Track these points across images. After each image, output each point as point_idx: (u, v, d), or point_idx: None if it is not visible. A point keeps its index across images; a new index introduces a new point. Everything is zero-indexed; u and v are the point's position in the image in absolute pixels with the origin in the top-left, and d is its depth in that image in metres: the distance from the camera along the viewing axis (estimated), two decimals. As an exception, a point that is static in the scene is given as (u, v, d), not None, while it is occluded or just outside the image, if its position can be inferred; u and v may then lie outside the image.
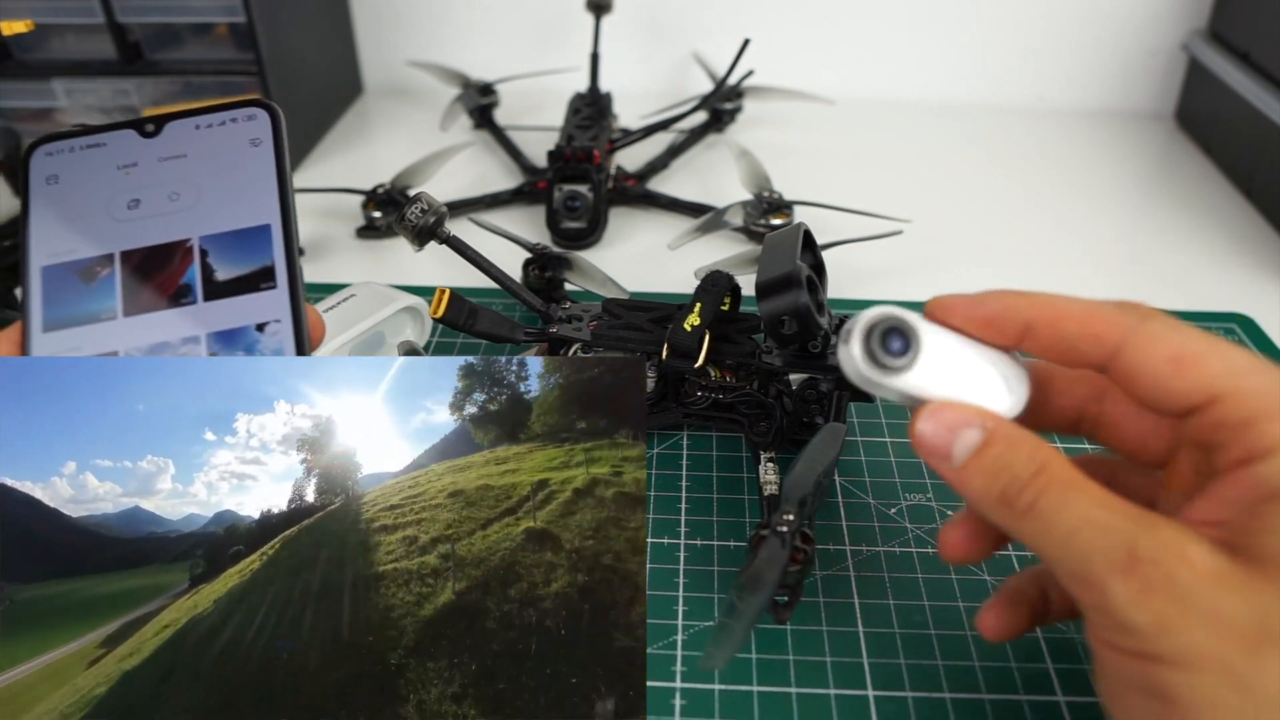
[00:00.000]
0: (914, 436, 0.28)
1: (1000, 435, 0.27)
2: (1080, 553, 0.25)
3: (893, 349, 0.27)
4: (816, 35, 0.84)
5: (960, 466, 0.27)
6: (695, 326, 0.41)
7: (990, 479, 0.26)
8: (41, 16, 0.67)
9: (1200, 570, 0.23)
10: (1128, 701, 0.25)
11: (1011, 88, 0.85)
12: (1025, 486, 0.26)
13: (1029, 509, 0.26)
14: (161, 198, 0.32)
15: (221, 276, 0.31)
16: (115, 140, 0.32)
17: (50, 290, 0.30)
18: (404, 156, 0.67)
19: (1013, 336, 0.28)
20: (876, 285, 0.58)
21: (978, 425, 0.27)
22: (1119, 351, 0.27)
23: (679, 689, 0.34)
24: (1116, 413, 0.30)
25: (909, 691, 0.33)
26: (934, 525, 0.40)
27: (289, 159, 0.32)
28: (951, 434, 0.27)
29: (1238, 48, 0.71)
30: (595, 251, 0.63)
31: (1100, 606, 0.24)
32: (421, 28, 0.87)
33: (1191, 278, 0.59)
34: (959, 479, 0.27)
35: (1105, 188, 0.71)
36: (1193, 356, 0.26)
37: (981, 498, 0.27)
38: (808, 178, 0.70)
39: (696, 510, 0.41)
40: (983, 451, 0.27)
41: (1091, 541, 0.24)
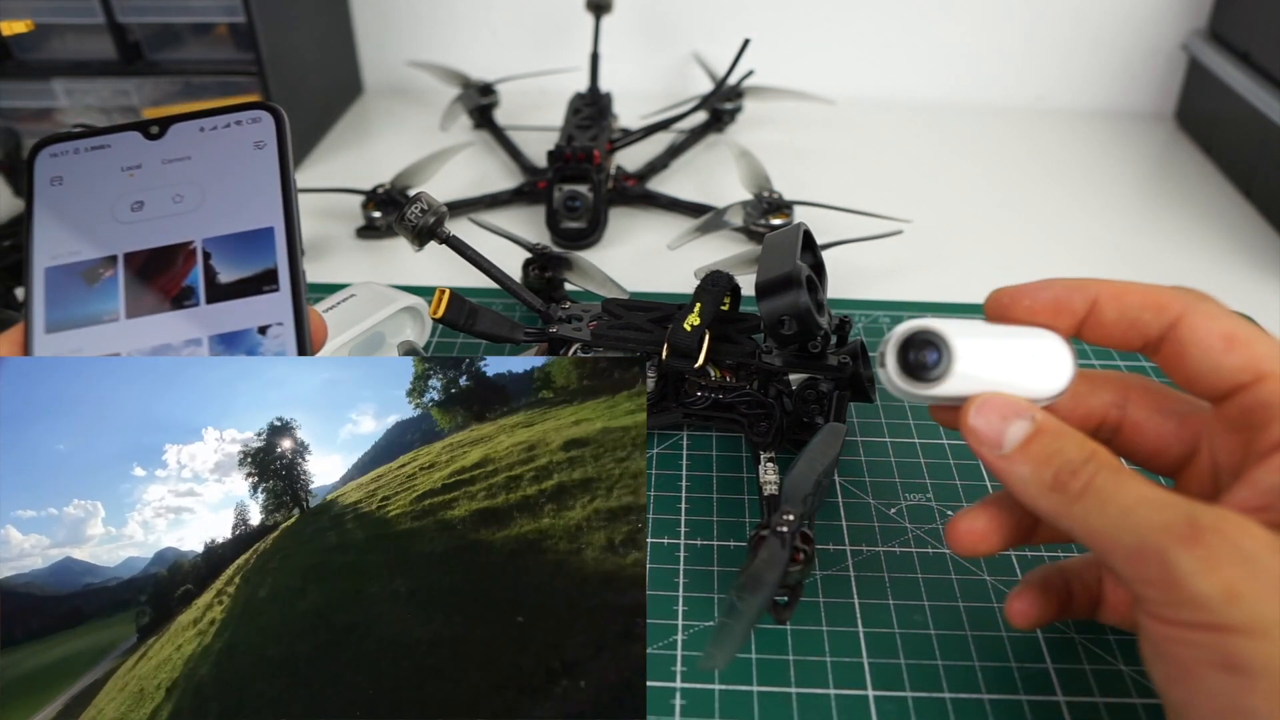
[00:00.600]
0: (964, 427, 0.28)
1: (1049, 425, 0.28)
2: (1141, 527, 0.25)
3: (929, 360, 0.28)
4: (816, 35, 0.84)
5: (1010, 454, 0.28)
6: (695, 326, 0.41)
7: (1042, 464, 0.27)
8: (41, 16, 0.67)
9: (1262, 540, 0.24)
10: (1196, 679, 0.24)
11: (1011, 88, 0.85)
12: (1079, 469, 0.26)
13: (1085, 489, 0.26)
14: (165, 200, 0.32)
15: (224, 279, 0.31)
16: (120, 142, 0.32)
17: (53, 291, 0.30)
18: (404, 156, 0.67)
19: (1078, 316, 0.29)
20: (876, 285, 0.58)
21: (1027, 416, 0.28)
22: (1179, 321, 0.28)
23: (679, 689, 0.33)
24: (1138, 417, 0.31)
25: (909, 691, 0.33)
26: (934, 525, 0.40)
27: (293, 162, 0.32)
28: (1004, 423, 0.28)
29: (1238, 48, 0.71)
30: (595, 251, 0.63)
31: (1163, 581, 0.24)
32: (421, 28, 0.87)
33: (1191, 278, 0.59)
34: (1008, 466, 0.28)
35: (1105, 188, 0.71)
36: (1244, 337, 0.27)
37: (1031, 483, 0.27)
38: (808, 178, 0.70)
39: (696, 510, 0.41)
40: (1034, 439, 0.27)
41: (1152, 515, 0.25)
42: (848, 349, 0.42)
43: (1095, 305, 0.29)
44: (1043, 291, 0.30)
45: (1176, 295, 0.28)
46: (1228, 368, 0.27)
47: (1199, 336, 0.28)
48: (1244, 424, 0.27)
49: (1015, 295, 0.30)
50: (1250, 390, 0.27)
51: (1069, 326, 0.29)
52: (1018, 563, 0.38)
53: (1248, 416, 0.27)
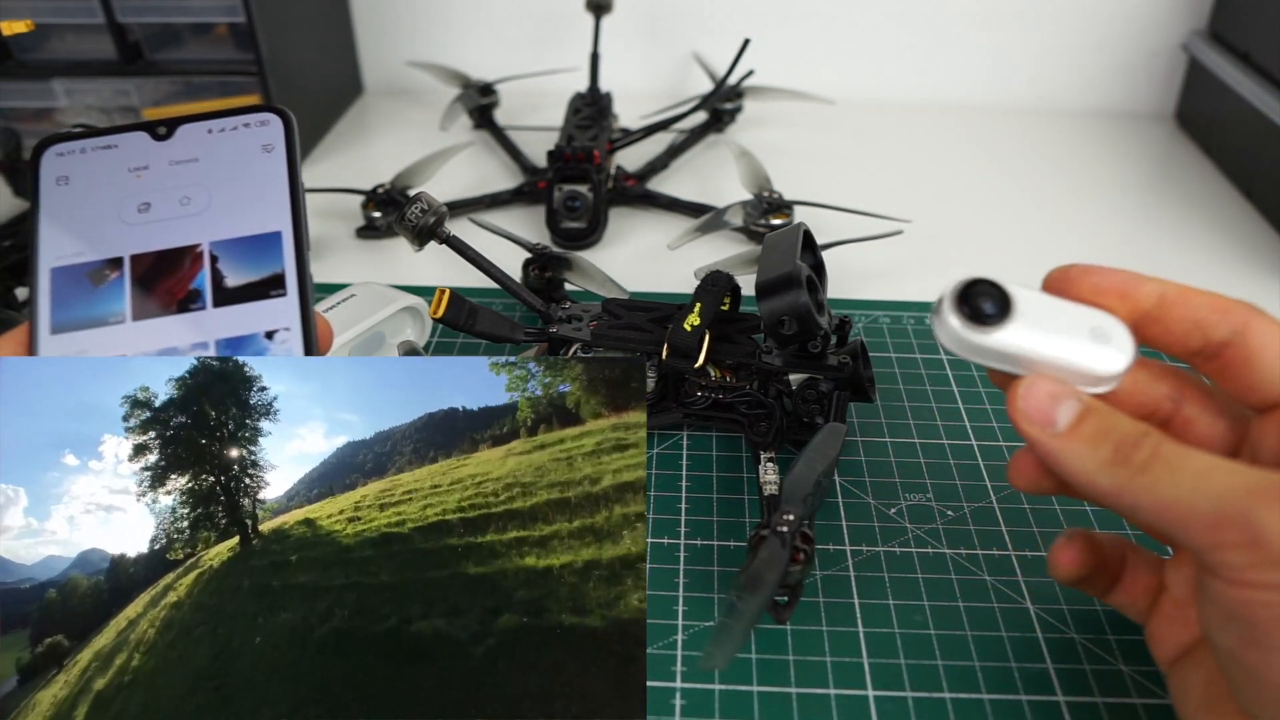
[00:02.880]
0: (1013, 409, 0.28)
1: (1098, 404, 0.27)
2: (1220, 490, 0.24)
3: (987, 309, 0.27)
4: (816, 35, 0.84)
5: (1063, 433, 0.27)
6: (695, 326, 0.41)
7: (1099, 440, 0.27)
8: (41, 16, 0.67)
9: None
10: (1277, 638, 0.24)
11: (1012, 88, 0.85)
12: (1140, 441, 0.26)
13: (1151, 459, 0.26)
14: (172, 201, 0.31)
15: (231, 283, 0.31)
16: (127, 142, 0.32)
17: (59, 292, 0.30)
18: (404, 156, 0.67)
19: (1143, 308, 0.29)
20: (876, 285, 0.58)
21: (1075, 397, 0.27)
22: (1246, 327, 0.28)
23: (679, 689, 0.33)
24: (1190, 414, 0.30)
25: (909, 691, 0.33)
26: (934, 525, 0.40)
27: (300, 166, 0.32)
28: (1054, 403, 0.27)
29: (1238, 48, 0.71)
30: (595, 251, 0.63)
31: (1247, 543, 0.24)
32: (421, 28, 0.87)
33: (1191, 278, 0.58)
34: (1062, 444, 0.27)
35: (1105, 188, 0.71)
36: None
37: (1089, 459, 0.27)
38: (808, 178, 0.70)
39: (696, 510, 0.41)
40: (1085, 417, 0.27)
41: (1230, 479, 0.25)
42: (848, 349, 0.42)
43: (1162, 299, 0.29)
44: (1111, 275, 0.29)
45: (1240, 304, 0.28)
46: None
47: (1266, 344, 0.27)
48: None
49: (1083, 272, 0.29)
50: None
51: (1131, 316, 0.29)
52: (1018, 563, 0.38)
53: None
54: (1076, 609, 0.36)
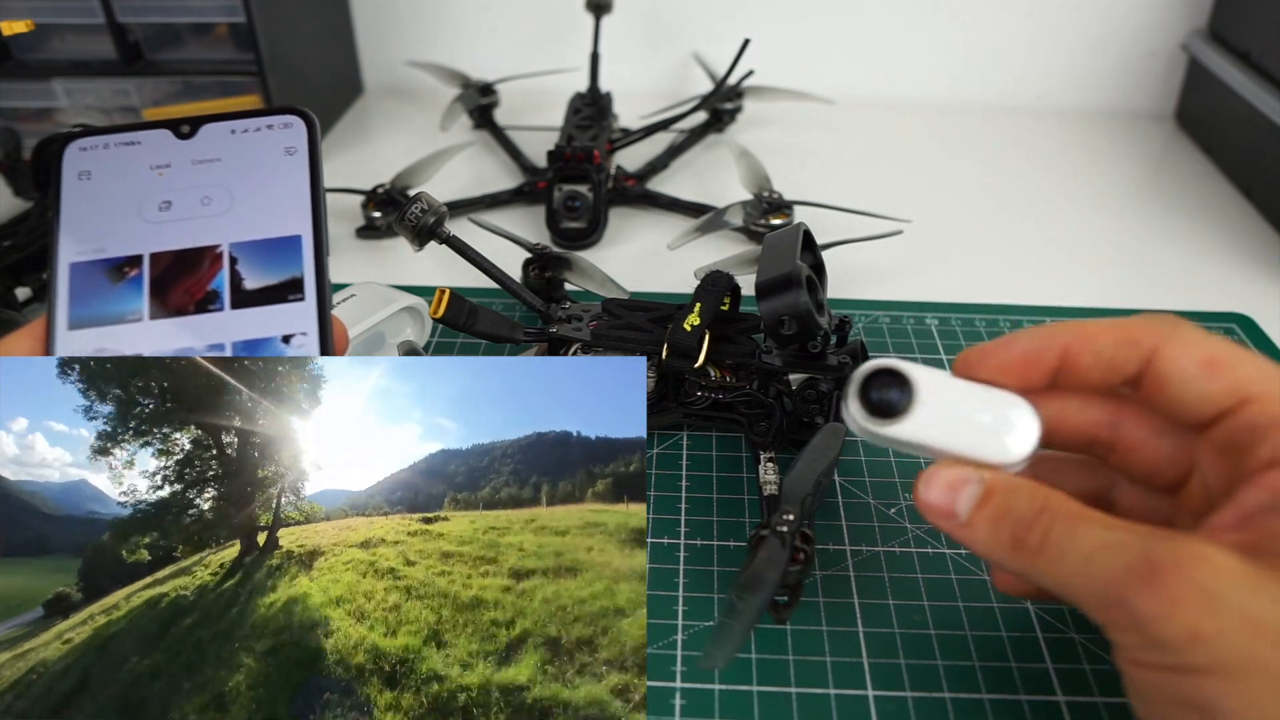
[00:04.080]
0: (919, 503, 0.28)
1: (998, 483, 0.27)
2: (1100, 574, 0.24)
3: (891, 399, 0.28)
4: (816, 35, 0.84)
5: (967, 521, 0.27)
6: (695, 326, 0.41)
7: (998, 525, 0.27)
8: (41, 16, 0.67)
9: (1224, 572, 0.23)
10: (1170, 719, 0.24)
11: (1011, 88, 0.85)
12: (1032, 524, 0.26)
13: (1042, 544, 0.26)
14: (194, 201, 0.31)
15: (250, 285, 0.30)
16: (150, 139, 0.32)
17: (77, 287, 0.30)
18: (404, 156, 0.67)
19: (1050, 368, 0.29)
20: (876, 285, 0.58)
21: (975, 479, 0.27)
22: (1155, 354, 0.27)
23: (679, 689, 0.33)
24: (1135, 437, 0.30)
25: (909, 691, 0.33)
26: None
27: (323, 170, 0.32)
28: (954, 492, 0.27)
29: (1238, 48, 0.71)
30: (595, 251, 0.63)
31: (1129, 626, 0.24)
32: (421, 28, 0.87)
33: (1191, 278, 0.59)
34: (969, 534, 0.27)
35: (1105, 188, 0.71)
36: (1225, 360, 0.27)
37: (994, 546, 0.27)
38: (808, 178, 0.70)
39: (696, 510, 0.41)
40: (985, 501, 0.27)
41: (1110, 561, 0.24)
42: (848, 349, 0.42)
43: (1067, 354, 0.28)
44: (1010, 347, 0.29)
45: (1150, 327, 0.28)
46: (1211, 394, 0.27)
47: (1179, 366, 0.27)
48: (1231, 447, 0.27)
49: (983, 354, 0.29)
50: (1235, 414, 0.26)
51: (1043, 379, 0.29)
52: (1018, 563, 0.38)
53: (1234, 440, 0.26)
54: (1076, 609, 0.36)
